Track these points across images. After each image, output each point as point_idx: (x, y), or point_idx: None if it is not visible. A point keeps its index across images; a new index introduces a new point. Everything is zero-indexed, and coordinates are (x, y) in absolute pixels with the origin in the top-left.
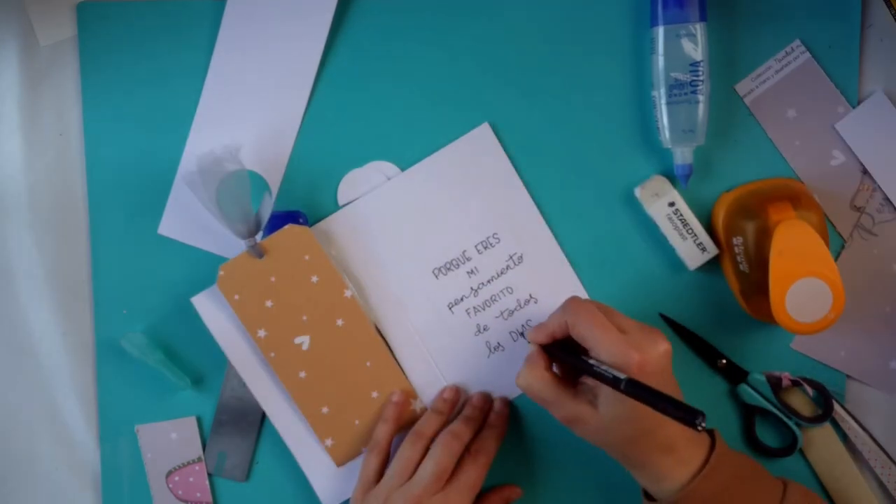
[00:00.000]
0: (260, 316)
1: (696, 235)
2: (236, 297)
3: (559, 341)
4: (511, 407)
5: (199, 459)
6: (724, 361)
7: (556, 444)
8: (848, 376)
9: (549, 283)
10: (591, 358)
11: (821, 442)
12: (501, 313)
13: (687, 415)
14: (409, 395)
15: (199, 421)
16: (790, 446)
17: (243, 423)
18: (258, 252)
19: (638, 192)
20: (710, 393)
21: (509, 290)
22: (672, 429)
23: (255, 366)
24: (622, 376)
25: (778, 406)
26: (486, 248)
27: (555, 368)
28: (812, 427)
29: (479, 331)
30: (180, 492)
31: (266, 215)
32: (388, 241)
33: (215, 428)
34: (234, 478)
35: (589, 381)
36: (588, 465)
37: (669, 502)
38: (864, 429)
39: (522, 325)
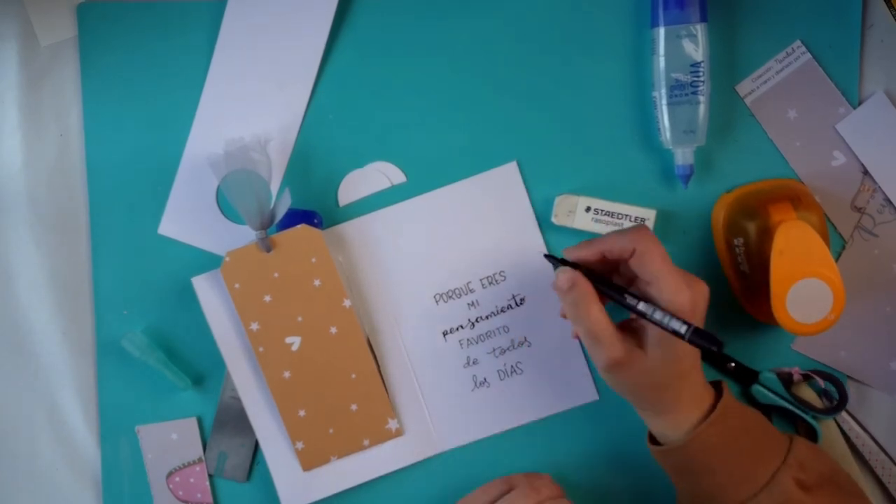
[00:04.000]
0: (256, 309)
1: (627, 215)
2: (237, 285)
3: (595, 275)
4: (491, 444)
5: (200, 460)
6: (733, 364)
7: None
8: (848, 377)
9: (546, 330)
10: (635, 298)
11: (826, 442)
12: (493, 350)
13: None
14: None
15: (200, 421)
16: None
17: (244, 423)
18: (267, 246)
19: (556, 220)
20: None
21: (506, 328)
22: (699, 377)
23: (241, 357)
24: (683, 326)
25: (793, 402)
26: (490, 283)
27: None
28: (827, 419)
29: (468, 363)
30: (181, 492)
31: (282, 211)
32: (396, 257)
33: (216, 428)
34: (235, 478)
35: (632, 322)
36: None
37: (677, 446)
38: (864, 429)
39: (512, 366)
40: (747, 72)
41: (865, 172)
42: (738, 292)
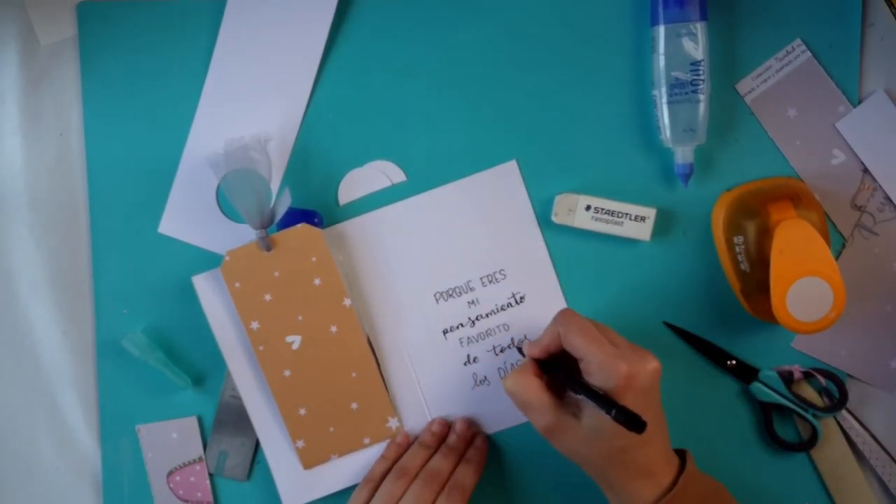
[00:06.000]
0: (256, 308)
1: (627, 214)
2: (237, 284)
3: (554, 357)
4: (490, 442)
5: (200, 459)
6: (734, 362)
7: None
8: (849, 375)
9: (545, 327)
10: (579, 376)
11: (826, 440)
12: (493, 348)
13: None
14: (406, 436)
15: (200, 420)
16: (811, 439)
17: (244, 422)
18: (267, 245)
19: (556, 219)
20: (722, 394)
21: (505, 326)
22: (650, 450)
23: (241, 356)
24: (611, 403)
25: (793, 400)
26: (490, 282)
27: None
28: (828, 417)
29: (468, 361)
30: (181, 491)
31: (282, 210)
32: (396, 256)
33: (216, 428)
34: (235, 477)
35: (573, 395)
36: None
37: None
38: (865, 428)
39: (512, 364)
40: (747, 70)
41: (865, 171)
42: (739, 291)
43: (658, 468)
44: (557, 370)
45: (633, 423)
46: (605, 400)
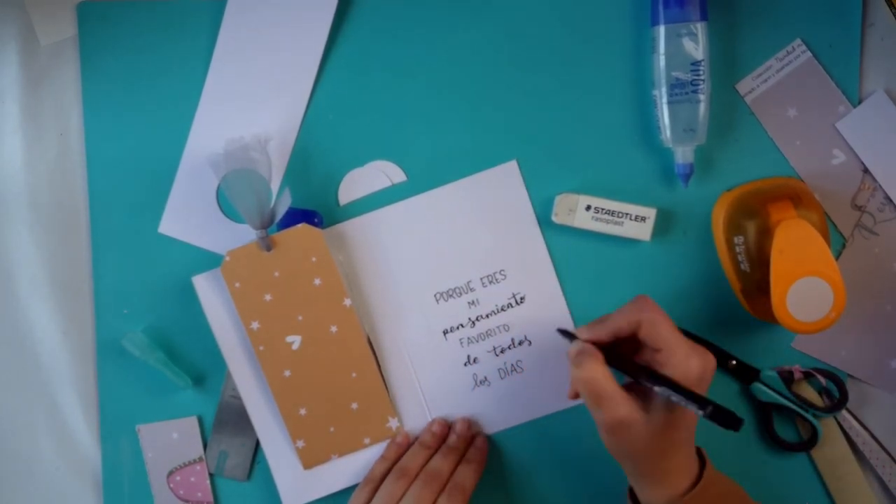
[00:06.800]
0: (257, 308)
1: (627, 214)
2: (237, 284)
3: (607, 347)
4: (490, 442)
5: (200, 459)
6: (734, 362)
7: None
8: (849, 375)
9: (546, 328)
10: (651, 370)
11: (826, 440)
12: (494, 349)
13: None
14: (406, 436)
15: (200, 420)
16: (811, 439)
17: (244, 422)
18: (267, 245)
19: (556, 219)
20: (723, 394)
21: (506, 327)
22: (691, 446)
23: (242, 356)
24: (703, 403)
25: (793, 400)
26: (490, 282)
27: None
28: (828, 417)
29: (468, 362)
30: (181, 491)
31: (282, 210)
32: (396, 256)
33: (216, 427)
34: (236, 477)
35: (657, 390)
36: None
37: None
38: (865, 427)
39: (512, 365)
40: (747, 70)
41: (866, 171)
42: (739, 291)
43: (693, 461)
44: (626, 361)
45: (731, 420)
46: (697, 397)
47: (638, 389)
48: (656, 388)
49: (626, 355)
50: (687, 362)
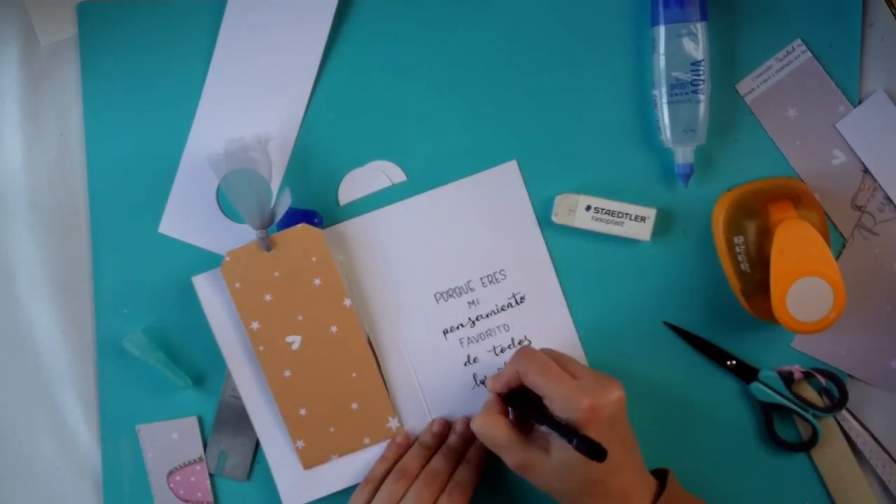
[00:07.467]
0: (257, 308)
1: (627, 214)
2: (237, 284)
3: (519, 391)
4: None
5: (200, 459)
6: (734, 362)
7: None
8: (849, 375)
9: (545, 327)
10: (544, 408)
11: (826, 440)
12: (494, 348)
13: None
14: (406, 436)
15: (200, 420)
16: (811, 439)
17: (244, 422)
18: (267, 245)
19: (556, 219)
20: (722, 394)
21: (506, 327)
22: (624, 478)
23: (242, 356)
24: (572, 432)
25: (793, 400)
26: (490, 282)
27: (511, 416)
28: (828, 417)
29: (468, 361)
30: (181, 492)
31: (282, 210)
32: (396, 256)
33: (216, 427)
34: (236, 477)
35: (543, 429)
36: None
37: None
38: (865, 428)
39: None
40: (747, 70)
41: (866, 171)
42: (739, 291)
43: (634, 493)
44: (522, 404)
45: (594, 451)
46: (566, 430)
47: (543, 434)
48: (542, 427)
49: (525, 395)
50: (571, 399)
